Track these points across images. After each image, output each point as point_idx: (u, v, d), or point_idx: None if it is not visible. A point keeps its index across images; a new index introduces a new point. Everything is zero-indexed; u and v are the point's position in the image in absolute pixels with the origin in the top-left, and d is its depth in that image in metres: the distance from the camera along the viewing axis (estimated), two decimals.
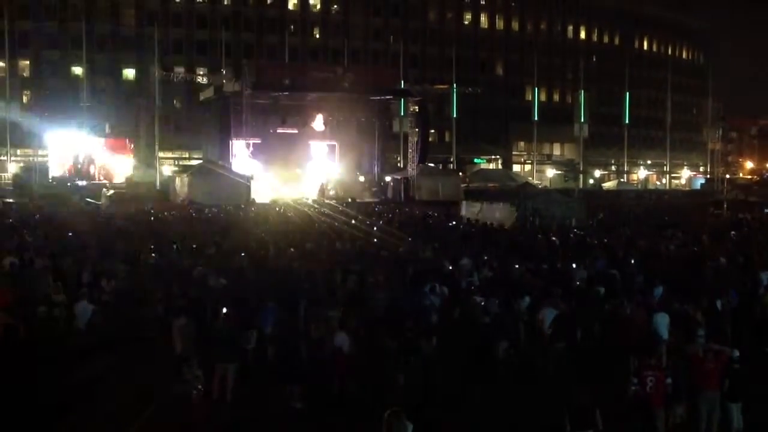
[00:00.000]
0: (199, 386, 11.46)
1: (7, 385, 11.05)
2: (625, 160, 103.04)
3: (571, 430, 9.52)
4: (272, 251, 23.03)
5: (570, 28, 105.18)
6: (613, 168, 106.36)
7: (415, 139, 66.85)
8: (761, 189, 53.45)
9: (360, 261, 20.88)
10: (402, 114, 73.41)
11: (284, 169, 62.58)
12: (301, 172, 64.32)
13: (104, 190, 56.48)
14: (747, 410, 11.28)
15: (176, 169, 74.29)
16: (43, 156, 69.96)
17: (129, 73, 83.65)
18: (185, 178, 56.19)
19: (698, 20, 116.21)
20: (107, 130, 75.64)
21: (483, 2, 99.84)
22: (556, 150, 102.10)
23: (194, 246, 23.85)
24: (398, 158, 77.40)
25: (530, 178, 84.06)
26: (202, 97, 67.92)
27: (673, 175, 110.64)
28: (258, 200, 53.21)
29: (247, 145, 61.98)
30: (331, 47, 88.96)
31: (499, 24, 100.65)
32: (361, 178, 66.74)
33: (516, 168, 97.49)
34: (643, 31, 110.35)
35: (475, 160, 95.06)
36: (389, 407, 8.21)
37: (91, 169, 66.19)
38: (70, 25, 78.52)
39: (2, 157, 75.39)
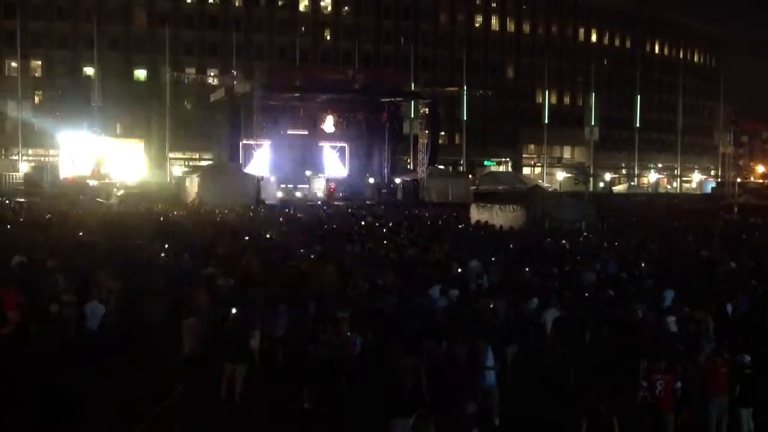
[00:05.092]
0: None
1: (18, 383, 11.10)
2: (636, 163, 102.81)
3: None
4: (281, 252, 23.03)
5: (581, 30, 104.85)
6: (624, 171, 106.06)
7: (425, 141, 66.95)
8: None
9: (369, 262, 20.86)
10: (412, 116, 73.44)
11: (294, 171, 62.76)
12: (310, 173, 64.46)
13: (114, 190, 56.67)
14: (757, 415, 11.22)
15: (187, 169, 74.63)
16: (54, 156, 70.32)
17: (140, 73, 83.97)
18: (195, 178, 56.31)
19: (710, 23, 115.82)
20: (118, 130, 75.98)
21: (494, 4, 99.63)
22: (567, 153, 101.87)
23: (203, 246, 23.87)
24: (408, 160, 77.43)
25: (540, 181, 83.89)
26: (212, 98, 68.07)
27: (684, 178, 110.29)
28: (267, 201, 53.27)
29: (257, 147, 62.17)
30: (341, 49, 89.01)
31: (510, 26, 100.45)
32: (371, 180, 66.77)
33: (526, 171, 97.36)
34: (654, 34, 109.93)
35: (485, 163, 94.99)
36: (400, 409, 8.14)
37: (102, 170, 66.44)
38: (82, 26, 79.04)
39: (14, 157, 75.72)
